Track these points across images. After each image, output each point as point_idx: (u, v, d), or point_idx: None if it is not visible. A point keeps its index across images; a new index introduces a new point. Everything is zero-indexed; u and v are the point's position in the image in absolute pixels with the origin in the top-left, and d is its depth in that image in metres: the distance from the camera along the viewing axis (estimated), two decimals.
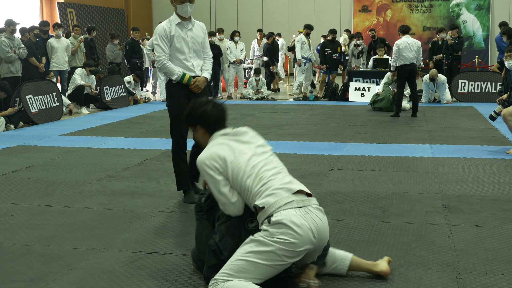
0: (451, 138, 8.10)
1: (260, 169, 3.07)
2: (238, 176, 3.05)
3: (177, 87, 4.92)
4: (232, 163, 3.08)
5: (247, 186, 3.03)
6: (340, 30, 20.41)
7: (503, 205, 4.75)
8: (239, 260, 2.90)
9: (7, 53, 10.50)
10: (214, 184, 3.10)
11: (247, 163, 3.08)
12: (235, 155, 3.12)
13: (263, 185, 3.01)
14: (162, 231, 4.16)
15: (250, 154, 3.14)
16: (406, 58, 10.44)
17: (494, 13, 20.88)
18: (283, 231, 2.87)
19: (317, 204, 3.07)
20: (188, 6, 4.83)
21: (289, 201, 2.95)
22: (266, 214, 2.94)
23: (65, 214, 4.61)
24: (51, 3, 18.56)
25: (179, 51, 4.89)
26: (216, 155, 3.11)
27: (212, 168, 3.09)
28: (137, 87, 13.97)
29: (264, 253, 2.87)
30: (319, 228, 2.96)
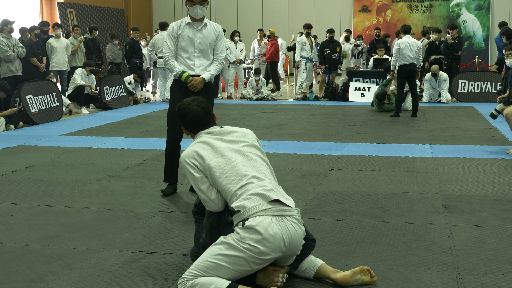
0: (451, 138, 8.10)
1: (239, 170, 3.07)
2: (216, 175, 3.08)
3: (177, 84, 5.14)
4: (211, 162, 3.11)
5: (225, 186, 3.06)
6: (340, 30, 20.40)
7: (503, 205, 4.75)
8: (207, 261, 2.91)
9: (6, 52, 10.50)
10: (193, 181, 3.16)
11: (227, 163, 3.10)
12: (215, 154, 3.14)
13: (241, 187, 3.02)
14: (162, 231, 4.16)
15: (232, 154, 3.15)
16: (406, 58, 10.44)
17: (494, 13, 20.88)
18: (254, 237, 2.87)
19: (296, 216, 3.04)
20: (198, 8, 5.03)
21: (266, 208, 2.94)
22: (241, 217, 2.94)
23: (65, 214, 4.61)
24: (51, 3, 18.56)
25: (183, 50, 5.10)
26: (195, 153, 3.16)
27: (191, 165, 3.15)
28: (137, 87, 13.97)
29: (233, 257, 2.89)
30: (291, 238, 2.95)
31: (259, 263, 2.92)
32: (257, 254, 2.87)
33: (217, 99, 14.50)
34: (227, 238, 2.95)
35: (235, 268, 2.90)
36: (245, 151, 3.20)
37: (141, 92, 13.97)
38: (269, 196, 2.99)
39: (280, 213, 2.96)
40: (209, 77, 5.11)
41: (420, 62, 10.82)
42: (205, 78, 5.07)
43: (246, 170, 3.08)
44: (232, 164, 3.10)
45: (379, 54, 14.62)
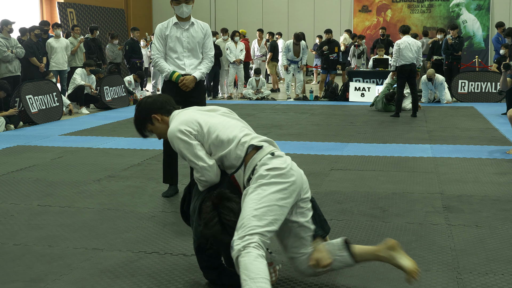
0: (451, 138, 8.10)
1: (235, 125, 3.07)
2: (215, 132, 3.00)
3: (168, 84, 5.12)
4: (206, 123, 3.04)
5: (231, 136, 2.98)
6: (340, 30, 20.41)
7: (503, 205, 4.75)
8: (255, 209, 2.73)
9: (4, 53, 10.50)
10: (189, 149, 3.01)
11: (220, 120, 3.08)
12: (204, 119, 3.08)
13: (247, 134, 3.02)
14: (162, 231, 4.16)
15: (217, 116, 3.14)
16: (406, 58, 10.45)
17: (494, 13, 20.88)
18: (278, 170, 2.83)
19: None
20: (184, 6, 4.98)
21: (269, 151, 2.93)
22: (266, 151, 2.91)
23: (65, 214, 4.61)
24: (51, 3, 18.56)
25: (172, 50, 5.08)
26: (188, 120, 3.06)
27: (186, 133, 3.02)
28: (137, 87, 13.97)
29: (274, 193, 2.77)
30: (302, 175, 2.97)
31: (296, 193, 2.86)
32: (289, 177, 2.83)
33: (217, 99, 14.50)
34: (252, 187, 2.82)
35: (281, 203, 2.77)
36: (228, 115, 3.22)
37: (141, 92, 13.97)
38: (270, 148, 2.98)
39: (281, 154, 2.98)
40: (200, 76, 5.10)
41: (420, 62, 10.82)
42: (197, 77, 5.05)
43: (240, 125, 3.11)
44: (226, 120, 3.10)
45: (379, 54, 14.61)
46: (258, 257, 2.62)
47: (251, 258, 2.61)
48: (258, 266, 2.59)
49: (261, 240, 2.69)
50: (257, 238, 2.68)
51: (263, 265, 2.61)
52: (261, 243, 2.68)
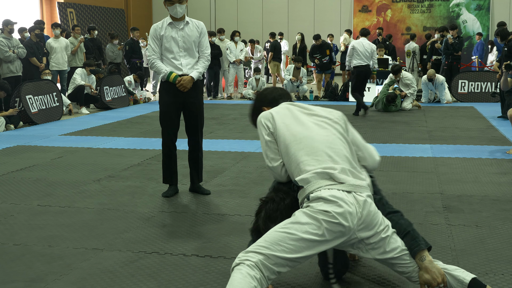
0: (451, 138, 8.10)
1: (313, 143, 2.87)
2: (288, 142, 2.90)
3: (165, 85, 5.10)
4: (287, 127, 2.94)
5: (293, 154, 2.87)
6: (340, 30, 20.41)
7: (503, 205, 4.75)
8: (276, 231, 2.68)
9: (5, 53, 10.51)
10: (261, 142, 3.04)
11: (302, 131, 2.91)
12: (292, 120, 2.96)
13: (310, 160, 2.82)
14: (162, 231, 4.16)
15: (311, 124, 2.96)
16: (361, 58, 10.72)
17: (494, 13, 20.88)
18: (325, 203, 2.67)
19: (365, 191, 2.80)
20: (177, 7, 4.96)
21: (332, 183, 2.75)
22: (305, 193, 2.77)
23: (65, 214, 4.61)
24: (51, 3, 18.55)
25: (168, 50, 5.04)
26: (270, 116, 3.02)
27: (264, 126, 3.01)
28: (137, 87, 13.98)
29: (304, 224, 2.65)
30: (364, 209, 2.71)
31: (334, 235, 2.66)
32: (333, 219, 2.64)
33: (217, 99, 14.50)
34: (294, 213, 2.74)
35: (307, 236, 2.63)
36: (325, 126, 2.99)
37: (141, 92, 13.98)
38: (337, 177, 2.77)
39: (348, 189, 2.74)
40: (198, 76, 5.07)
41: (375, 65, 10.88)
42: (194, 77, 5.02)
43: (320, 145, 2.87)
44: (307, 134, 2.90)
45: (379, 54, 14.61)
46: (247, 276, 2.55)
47: (240, 275, 2.56)
48: (242, 285, 2.51)
49: (262, 262, 2.61)
50: (258, 258, 2.62)
51: (247, 285, 2.52)
52: (261, 265, 2.60)
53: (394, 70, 11.95)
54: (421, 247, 2.81)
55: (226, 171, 6.14)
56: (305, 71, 14.09)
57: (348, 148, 2.96)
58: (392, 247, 2.79)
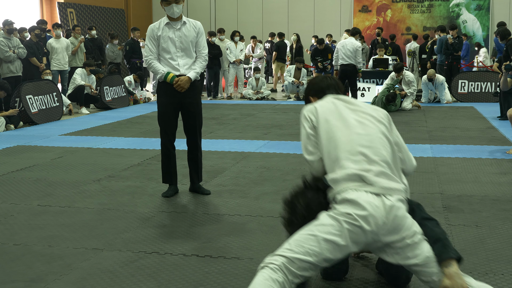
0: (451, 138, 8.10)
1: (353, 141, 2.81)
2: (327, 137, 2.87)
3: (163, 86, 5.08)
4: (328, 123, 2.90)
5: (332, 152, 2.83)
6: (340, 30, 20.41)
7: (503, 205, 4.75)
8: (300, 234, 2.65)
9: (6, 53, 10.51)
10: (302, 134, 3.02)
11: (343, 127, 2.87)
12: (335, 115, 2.93)
13: (346, 159, 2.77)
14: (162, 231, 4.16)
15: (354, 122, 2.90)
16: (344, 59, 10.80)
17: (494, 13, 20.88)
18: (348, 206, 2.63)
19: (398, 196, 2.72)
20: (174, 7, 4.96)
21: (360, 184, 2.70)
22: (333, 193, 2.74)
23: (65, 214, 4.61)
24: (51, 3, 18.55)
25: (165, 51, 5.02)
26: (314, 109, 3.00)
27: (307, 119, 2.99)
28: (137, 87, 13.98)
29: (327, 226, 2.62)
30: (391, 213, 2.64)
31: (356, 238, 2.61)
32: (354, 221, 2.59)
33: (217, 99, 14.50)
34: None
35: (329, 237, 2.59)
36: (368, 124, 2.91)
37: (141, 92, 13.98)
38: (368, 179, 2.71)
39: (377, 191, 2.68)
40: (195, 76, 5.05)
41: (359, 64, 10.89)
42: (191, 77, 5.00)
43: (360, 144, 2.81)
44: (348, 131, 2.85)
45: (379, 54, 14.62)
46: (268, 279, 2.54)
47: (261, 278, 2.55)
48: None
49: (285, 266, 2.57)
50: (282, 261, 2.59)
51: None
52: (285, 268, 2.57)
53: (397, 68, 11.93)
54: (449, 255, 2.70)
55: (226, 171, 6.14)
56: (305, 72, 14.10)
57: (390, 149, 2.88)
58: (417, 253, 2.69)
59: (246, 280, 3.27)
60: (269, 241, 3.94)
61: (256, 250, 3.77)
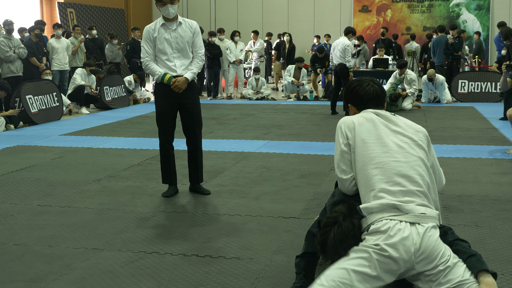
0: (451, 138, 8.10)
1: (391, 167, 2.73)
2: (363, 161, 2.77)
3: (160, 87, 5.08)
4: (365, 146, 2.79)
5: (367, 178, 2.73)
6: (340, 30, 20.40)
7: (503, 205, 4.75)
8: (333, 269, 2.61)
9: (6, 53, 10.52)
10: (336, 150, 2.91)
11: (380, 154, 2.76)
12: (374, 140, 2.80)
13: (382, 188, 2.69)
14: (162, 231, 4.16)
15: (392, 145, 2.79)
16: (335, 58, 10.86)
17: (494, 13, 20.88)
18: (378, 236, 2.59)
19: (430, 222, 2.67)
20: (169, 7, 4.92)
21: (395, 214, 2.64)
22: (367, 223, 2.68)
23: (65, 214, 4.61)
24: (51, 3, 18.55)
25: (161, 52, 5.01)
26: (352, 125, 2.86)
27: (343, 134, 2.87)
28: (138, 87, 13.98)
29: (357, 259, 2.58)
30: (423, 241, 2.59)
31: (388, 267, 2.56)
32: (382, 251, 2.54)
33: (217, 99, 14.50)
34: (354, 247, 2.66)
35: (359, 269, 2.55)
36: (408, 149, 2.81)
37: (141, 92, 13.98)
38: (404, 208, 2.65)
39: (411, 220, 2.62)
40: (192, 76, 5.04)
41: (348, 63, 10.84)
42: (188, 78, 5.00)
43: (398, 173, 2.72)
44: (386, 157, 2.75)
45: (379, 54, 14.62)
46: None
47: None
48: None
49: None
50: None
51: None
52: None
53: (400, 64, 11.92)
54: (485, 267, 2.66)
55: (226, 171, 6.14)
56: (305, 71, 14.08)
57: (427, 176, 2.80)
58: (450, 278, 2.63)
59: (246, 280, 3.28)
60: (269, 241, 3.94)
61: (256, 250, 3.77)
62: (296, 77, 13.89)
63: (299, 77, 13.90)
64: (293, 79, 13.83)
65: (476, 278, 2.64)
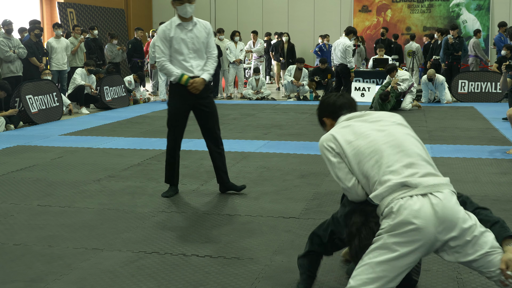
0: (451, 138, 8.10)
1: (381, 153, 2.72)
2: (357, 160, 2.75)
3: (177, 88, 5.00)
4: (351, 145, 2.79)
5: (366, 172, 2.72)
6: (340, 30, 20.39)
7: (503, 205, 4.75)
8: (356, 269, 2.60)
9: (6, 53, 10.52)
10: (330, 166, 2.86)
11: (369, 145, 2.76)
12: (356, 136, 2.81)
13: (385, 173, 2.66)
14: (162, 231, 4.16)
15: (376, 134, 2.80)
16: (336, 58, 10.75)
17: (494, 13, 20.88)
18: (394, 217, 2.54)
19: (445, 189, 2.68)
20: (187, 6, 4.87)
21: (406, 190, 2.60)
22: (381, 209, 2.64)
23: (65, 214, 4.61)
24: (51, 3, 18.55)
25: (177, 52, 4.95)
26: (332, 137, 2.86)
27: (328, 149, 2.85)
28: (138, 87, 13.98)
29: (375, 250, 2.56)
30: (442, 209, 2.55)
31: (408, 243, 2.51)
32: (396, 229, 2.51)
33: (217, 99, 14.50)
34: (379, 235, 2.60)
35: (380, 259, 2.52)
36: (390, 129, 2.83)
37: (141, 92, 13.97)
38: (411, 183, 2.62)
39: (423, 191, 2.59)
40: (209, 77, 5.04)
41: (349, 64, 10.77)
42: (206, 79, 5.00)
43: (391, 152, 2.71)
44: (375, 146, 2.75)
45: (379, 54, 14.62)
46: None
47: None
48: None
49: None
50: None
51: None
52: None
53: (387, 69, 11.95)
54: (509, 233, 2.60)
55: None
56: (306, 72, 14.05)
57: (420, 145, 2.81)
58: (476, 248, 2.58)
59: (246, 280, 3.28)
60: (269, 241, 3.94)
61: (256, 250, 3.77)
62: (296, 78, 13.89)
63: (300, 77, 13.89)
64: (293, 79, 13.82)
65: (501, 246, 2.59)
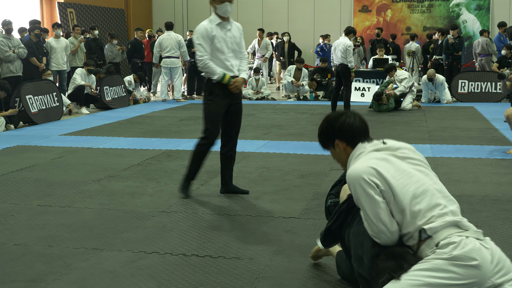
0: (451, 138, 8.10)
1: (430, 195, 2.60)
2: (405, 199, 2.58)
3: (217, 87, 4.96)
4: (398, 183, 2.60)
5: (417, 211, 2.56)
6: (340, 30, 20.39)
7: (503, 205, 4.75)
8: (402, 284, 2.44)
9: (6, 53, 10.52)
10: (371, 205, 2.59)
11: (416, 185, 2.61)
12: (400, 174, 2.63)
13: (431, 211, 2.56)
14: (162, 231, 4.16)
15: (416, 173, 2.67)
16: (336, 58, 10.81)
17: (494, 13, 20.88)
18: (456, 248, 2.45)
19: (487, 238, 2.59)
20: (228, 5, 4.94)
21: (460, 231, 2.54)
22: (434, 241, 2.52)
23: (65, 214, 4.61)
24: (51, 3, 18.55)
25: (219, 51, 4.95)
26: (375, 171, 2.61)
27: (371, 184, 2.59)
28: (138, 87, 13.98)
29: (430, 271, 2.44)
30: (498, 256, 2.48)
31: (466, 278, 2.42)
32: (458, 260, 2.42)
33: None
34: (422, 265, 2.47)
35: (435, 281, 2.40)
36: (426, 171, 2.72)
37: (141, 92, 13.97)
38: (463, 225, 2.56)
39: (475, 236, 2.52)
40: (247, 77, 5.13)
41: (350, 63, 10.75)
42: (246, 78, 5.07)
43: (436, 196, 2.61)
44: (424, 186, 2.62)
45: (379, 54, 14.62)
46: None
47: None
48: None
49: None
50: None
51: None
52: None
53: (386, 69, 11.95)
54: None
55: None
56: (306, 72, 14.05)
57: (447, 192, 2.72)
58: None
59: (246, 280, 3.28)
60: (269, 241, 3.94)
61: (256, 250, 3.77)
62: (296, 78, 13.88)
63: (300, 77, 13.89)
64: (293, 79, 13.82)
65: None
